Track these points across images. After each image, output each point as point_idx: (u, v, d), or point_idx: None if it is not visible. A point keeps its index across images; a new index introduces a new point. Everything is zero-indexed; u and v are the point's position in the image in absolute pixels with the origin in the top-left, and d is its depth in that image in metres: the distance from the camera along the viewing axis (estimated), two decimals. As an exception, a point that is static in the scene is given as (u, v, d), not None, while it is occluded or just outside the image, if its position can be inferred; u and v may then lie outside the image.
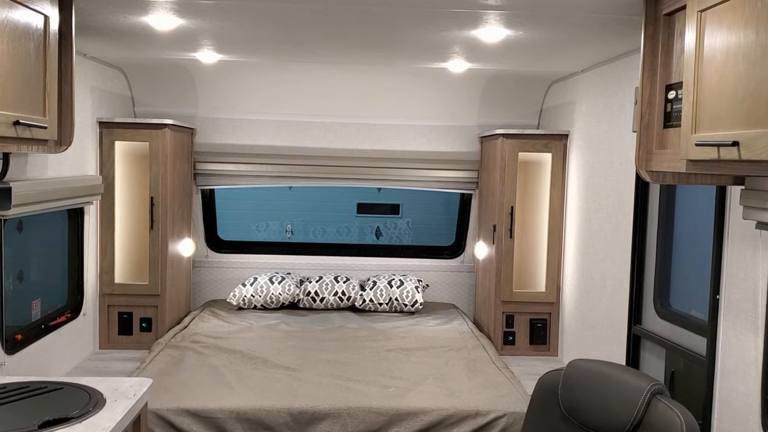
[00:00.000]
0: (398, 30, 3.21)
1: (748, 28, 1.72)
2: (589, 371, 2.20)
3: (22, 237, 3.59)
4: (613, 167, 3.76)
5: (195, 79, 4.88)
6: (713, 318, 2.64)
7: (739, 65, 1.76)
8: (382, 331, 4.68)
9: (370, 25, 3.15)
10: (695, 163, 2.01)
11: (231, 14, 2.99)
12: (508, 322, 4.67)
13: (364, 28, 3.20)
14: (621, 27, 2.95)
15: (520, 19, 2.91)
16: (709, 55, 1.91)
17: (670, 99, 2.25)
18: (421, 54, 3.81)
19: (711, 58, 1.90)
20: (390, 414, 3.28)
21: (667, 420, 1.91)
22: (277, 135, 5.28)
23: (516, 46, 3.48)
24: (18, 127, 2.28)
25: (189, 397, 3.34)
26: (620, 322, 3.59)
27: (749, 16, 1.72)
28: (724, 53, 1.83)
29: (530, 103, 5.10)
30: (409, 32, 3.24)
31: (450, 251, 5.72)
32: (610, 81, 3.81)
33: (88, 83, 4.12)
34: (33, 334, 3.58)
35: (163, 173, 4.51)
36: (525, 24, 2.99)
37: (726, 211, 2.60)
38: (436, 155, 5.33)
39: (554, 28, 3.06)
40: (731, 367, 2.54)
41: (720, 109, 1.84)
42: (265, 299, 5.14)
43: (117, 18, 3.08)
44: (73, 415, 2.16)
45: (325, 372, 3.78)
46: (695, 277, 3.04)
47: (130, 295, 4.55)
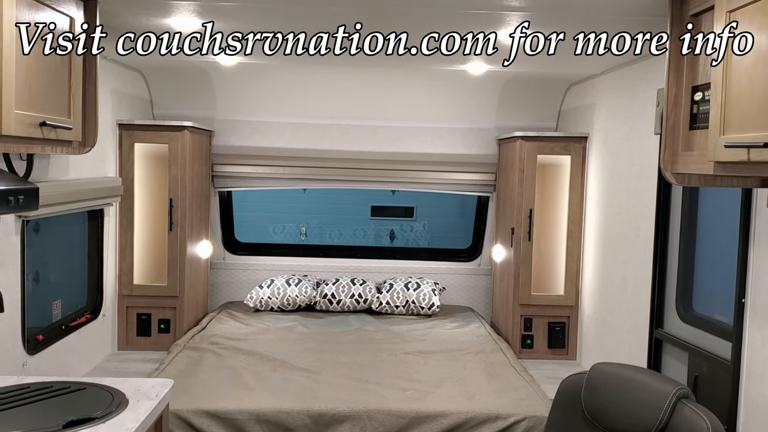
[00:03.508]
0: (418, 31, 3.21)
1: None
2: (613, 375, 2.18)
3: (42, 238, 3.62)
4: (633, 170, 3.73)
5: (213, 81, 4.90)
6: (739, 322, 2.61)
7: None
8: (399, 334, 4.67)
9: (390, 27, 3.14)
10: (723, 165, 1.99)
11: (252, 16, 2.99)
12: (527, 325, 4.65)
13: (383, 29, 3.19)
14: (646, 29, 2.93)
15: (542, 21, 2.89)
16: (737, 56, 1.89)
17: (697, 100, 2.23)
18: (440, 56, 3.80)
19: (740, 58, 1.88)
20: (410, 417, 3.27)
21: (693, 424, 1.89)
22: (294, 137, 5.28)
23: (537, 48, 3.46)
24: (44, 128, 2.29)
25: (209, 398, 3.34)
26: (641, 325, 3.56)
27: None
28: (754, 53, 1.82)
29: (549, 105, 5.07)
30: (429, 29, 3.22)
31: (466, 254, 5.70)
32: (631, 83, 3.79)
33: (108, 85, 4.15)
34: (54, 334, 3.60)
35: (182, 175, 4.53)
36: (546, 27, 2.98)
37: (752, 213, 2.57)
38: (454, 158, 5.32)
39: (577, 30, 3.04)
40: (758, 372, 2.51)
41: (750, 110, 1.83)
42: (282, 301, 5.14)
43: (139, 20, 3.10)
44: (97, 415, 2.17)
45: (344, 374, 3.77)
46: (719, 281, 3.01)
47: (149, 297, 4.56)
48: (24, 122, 2.19)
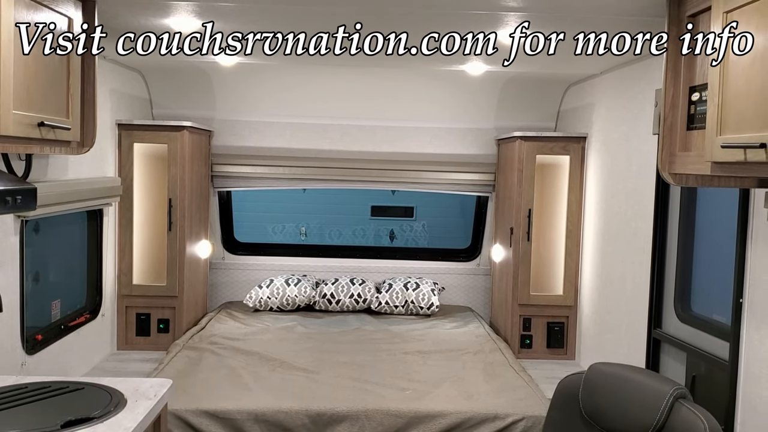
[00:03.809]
0: (418, 31, 3.21)
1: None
2: (611, 375, 2.18)
3: (41, 238, 3.62)
4: (632, 170, 3.73)
5: (213, 81, 4.90)
6: (736, 322, 2.61)
7: (766, 66, 1.74)
8: (398, 334, 4.67)
9: (390, 27, 3.14)
10: (720, 165, 1.99)
11: (251, 17, 3.00)
12: (525, 325, 4.65)
13: (383, 29, 3.19)
14: (644, 29, 2.93)
15: (541, 21, 2.89)
16: (735, 56, 1.89)
17: (694, 101, 2.23)
18: (440, 56, 3.81)
19: (737, 59, 1.88)
20: (408, 417, 3.27)
21: (690, 424, 1.89)
22: (293, 137, 5.29)
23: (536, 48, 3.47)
24: (42, 129, 2.30)
25: (207, 398, 3.35)
26: (639, 325, 3.56)
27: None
28: (751, 54, 1.82)
29: (548, 106, 5.08)
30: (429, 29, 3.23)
31: (466, 254, 5.71)
32: (630, 83, 3.79)
33: (107, 85, 4.15)
34: (53, 334, 3.60)
35: (181, 175, 4.53)
36: (546, 26, 2.98)
37: (750, 213, 2.57)
38: (453, 158, 5.32)
39: (576, 30, 3.04)
40: (755, 372, 2.51)
41: (746, 111, 1.83)
42: (282, 301, 5.14)
43: (138, 20, 3.10)
44: (95, 415, 2.17)
45: (343, 374, 3.77)
46: (717, 281, 3.02)
47: (148, 297, 4.57)
48: (22, 122, 2.20)
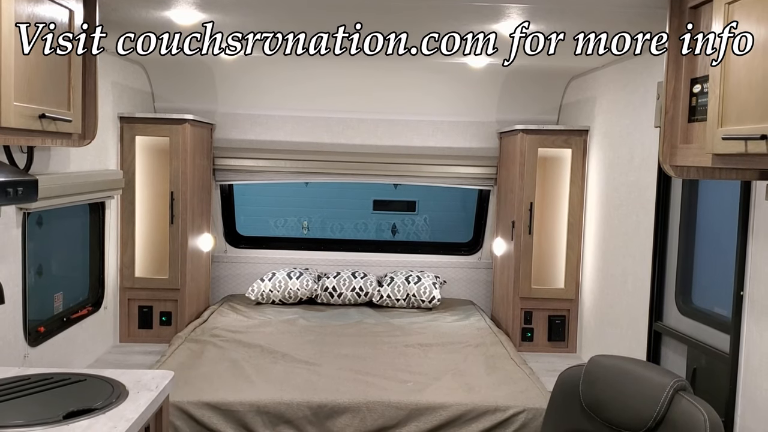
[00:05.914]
0: (419, 24, 3.20)
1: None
2: (611, 367, 2.18)
3: (44, 231, 3.63)
4: (634, 163, 3.73)
5: (215, 74, 4.90)
6: (737, 315, 2.62)
7: (767, 57, 1.74)
8: (399, 327, 4.68)
9: (392, 20, 3.14)
10: (721, 158, 1.99)
11: (252, 9, 2.99)
12: (527, 318, 4.65)
13: (385, 22, 3.19)
14: (645, 21, 2.92)
15: (543, 14, 2.89)
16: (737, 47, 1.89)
17: (696, 93, 2.22)
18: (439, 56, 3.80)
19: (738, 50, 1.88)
20: (409, 408, 3.28)
21: (690, 416, 1.90)
22: (295, 131, 5.29)
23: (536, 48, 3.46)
24: (43, 121, 2.30)
25: (209, 390, 3.36)
26: (640, 318, 3.56)
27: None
28: (753, 46, 1.81)
29: (550, 99, 5.07)
30: (430, 26, 3.23)
31: (467, 248, 5.71)
32: (632, 76, 3.78)
33: (108, 78, 4.15)
34: (55, 326, 3.62)
35: (183, 168, 4.54)
36: (548, 18, 2.97)
37: (751, 206, 2.57)
38: (455, 151, 5.32)
39: (577, 22, 3.04)
40: (755, 365, 2.51)
41: (747, 103, 1.82)
42: (284, 294, 5.15)
43: (139, 12, 3.10)
44: (97, 406, 2.18)
45: (344, 366, 3.78)
46: (718, 274, 3.02)
47: (150, 289, 4.58)
48: (23, 114, 2.20)
